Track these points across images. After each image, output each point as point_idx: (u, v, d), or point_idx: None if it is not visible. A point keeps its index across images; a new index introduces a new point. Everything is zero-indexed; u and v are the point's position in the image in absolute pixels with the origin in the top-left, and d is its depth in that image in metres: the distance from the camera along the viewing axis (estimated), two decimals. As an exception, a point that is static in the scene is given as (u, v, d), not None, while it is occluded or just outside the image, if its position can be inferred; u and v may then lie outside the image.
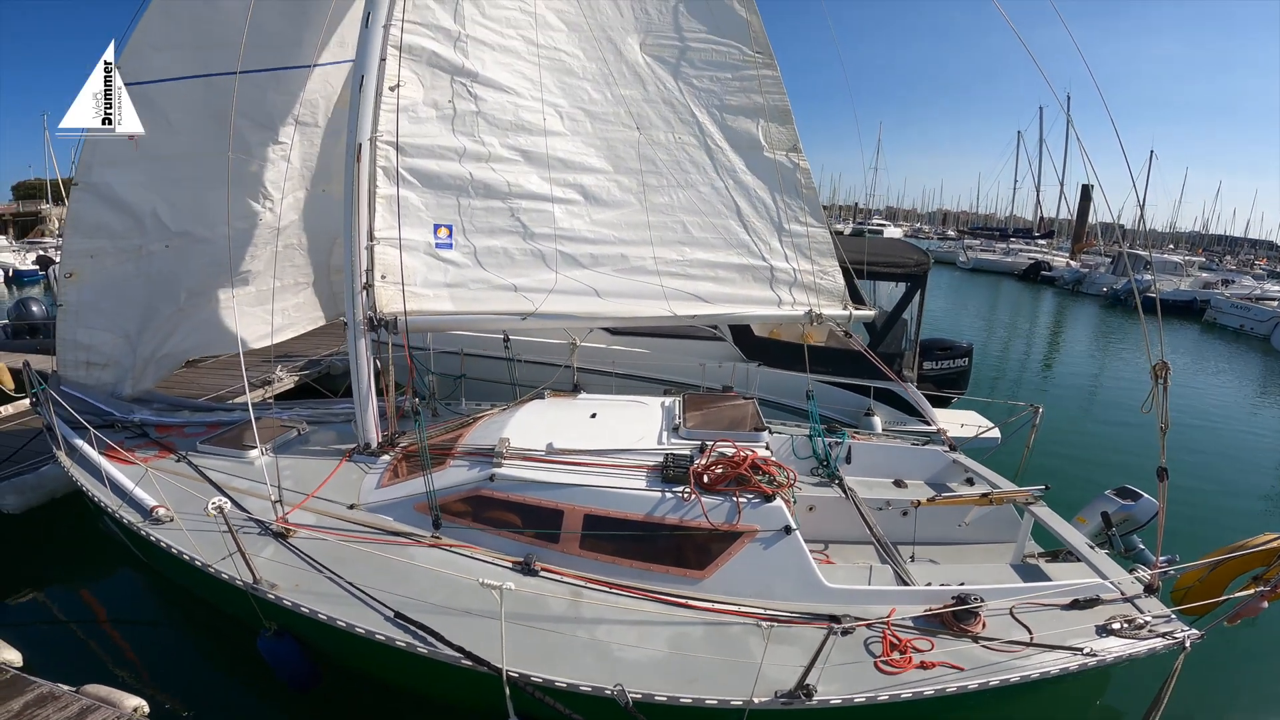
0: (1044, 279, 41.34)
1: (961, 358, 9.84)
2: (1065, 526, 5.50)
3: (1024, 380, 16.88)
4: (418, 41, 6.05)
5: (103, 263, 6.85)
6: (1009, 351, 20.54)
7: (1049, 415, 7.36)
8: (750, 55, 6.84)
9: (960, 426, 8.02)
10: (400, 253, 6.01)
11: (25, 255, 40.09)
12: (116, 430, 6.68)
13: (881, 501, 6.17)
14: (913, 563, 5.49)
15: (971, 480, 6.48)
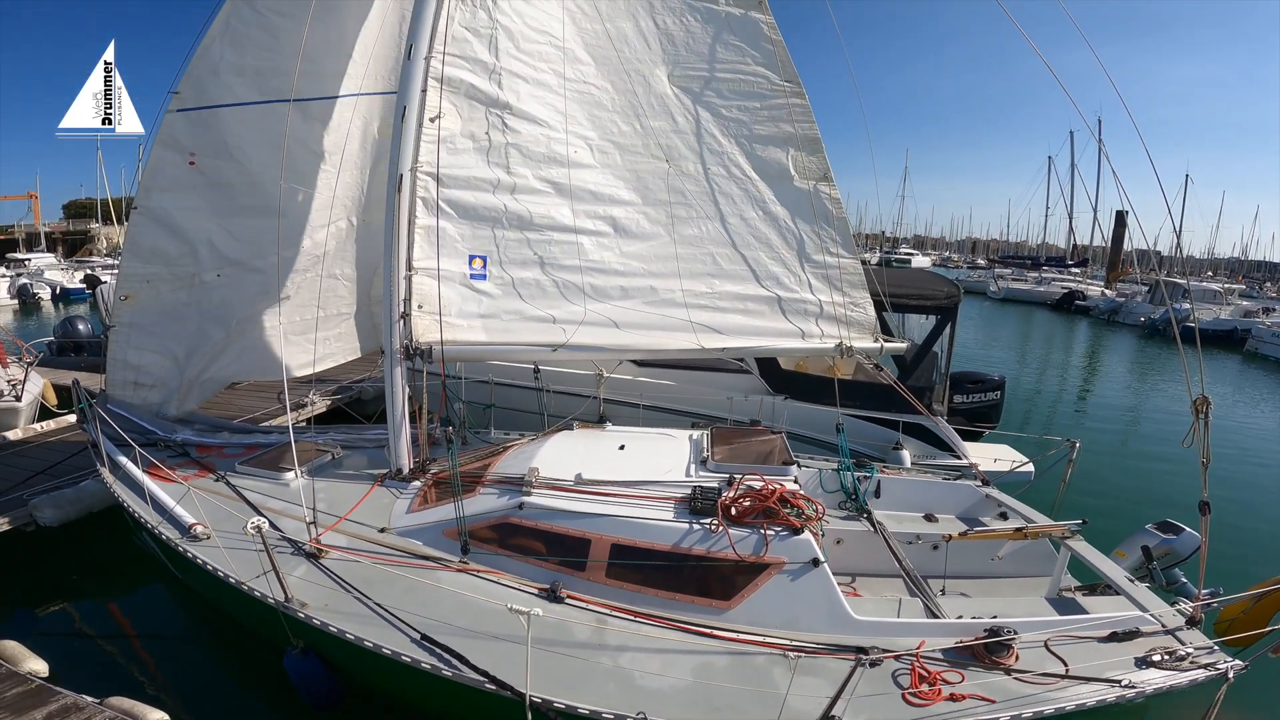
0: (1078, 309, 40.47)
1: (993, 391, 9.70)
2: (1104, 560, 5.40)
3: (1058, 413, 16.52)
4: (456, 74, 6.26)
5: (157, 288, 7.13)
6: (1043, 384, 20.13)
7: (1085, 449, 7.22)
8: (778, 84, 6.93)
9: (993, 461, 7.89)
10: (439, 284, 6.16)
11: (73, 274, 41.43)
12: (159, 449, 6.91)
13: (911, 535, 6.09)
14: (943, 596, 5.42)
15: (1005, 515, 6.37)
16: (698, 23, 7.05)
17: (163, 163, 6.97)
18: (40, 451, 8.86)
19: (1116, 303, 37.85)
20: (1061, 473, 6.86)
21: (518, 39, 6.55)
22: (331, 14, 6.90)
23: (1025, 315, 39.00)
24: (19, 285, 36.59)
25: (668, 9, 7.04)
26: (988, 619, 4.57)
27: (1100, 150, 47.32)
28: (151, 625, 6.68)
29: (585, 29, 6.85)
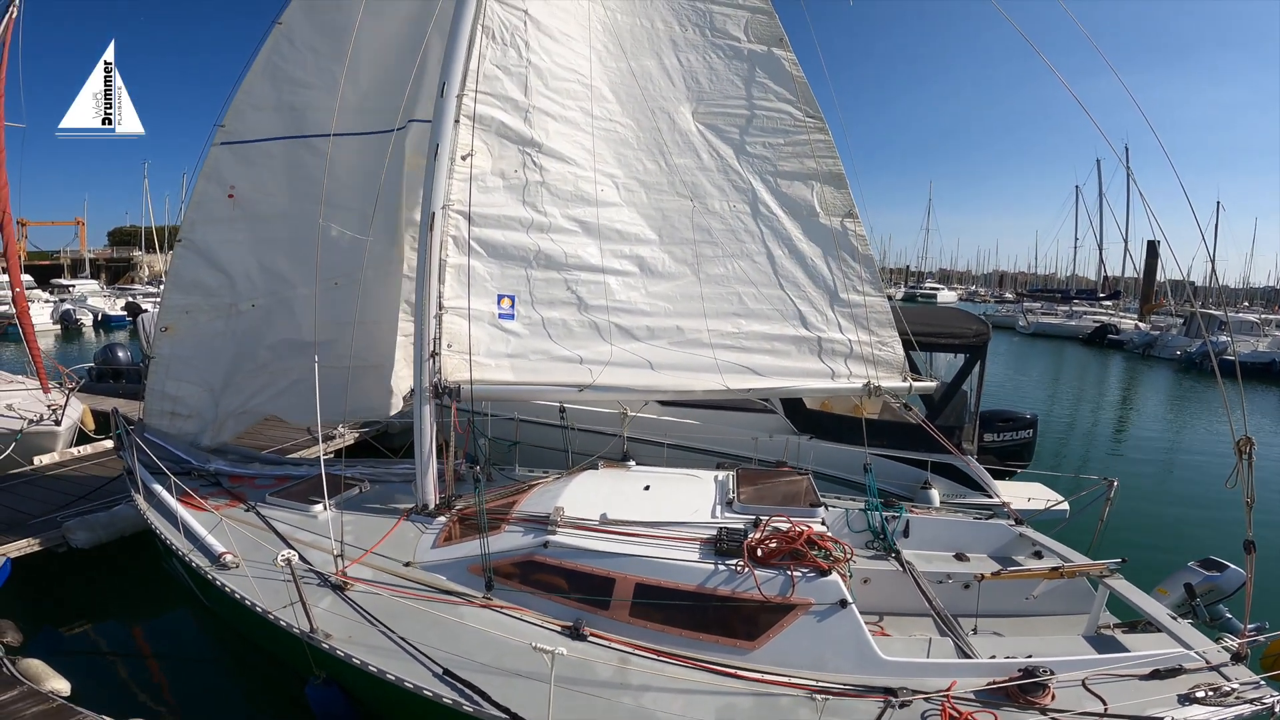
0: (1111, 343, 39.52)
1: (1025, 429, 9.54)
2: (1144, 598, 5.29)
3: (1094, 451, 16.11)
4: (488, 112, 6.41)
5: (196, 319, 7.37)
6: (1076, 421, 19.67)
7: (1122, 487, 7.10)
8: (801, 119, 7.00)
9: (1027, 500, 7.76)
10: (469, 323, 6.24)
11: (115, 301, 42.51)
12: (192, 478, 7.08)
13: (941, 575, 5.97)
14: (975, 635, 5.29)
15: (1040, 553, 6.24)
16: (721, 60, 7.19)
17: (206, 196, 7.25)
18: (76, 476, 9.12)
19: (1151, 336, 36.93)
20: (1099, 511, 6.76)
21: (547, 77, 6.71)
22: (368, 50, 7.14)
23: (1056, 350, 38.20)
24: (62, 311, 37.74)
25: (691, 46, 7.19)
26: (1022, 658, 4.46)
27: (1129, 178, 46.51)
28: (175, 649, 6.75)
29: (611, 67, 7.01)
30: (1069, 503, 7.57)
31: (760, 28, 7.28)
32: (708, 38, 7.25)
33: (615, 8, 7.18)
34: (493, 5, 6.51)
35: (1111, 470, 9.20)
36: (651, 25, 7.23)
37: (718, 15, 7.31)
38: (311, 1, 7.26)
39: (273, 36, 7.17)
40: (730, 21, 7.30)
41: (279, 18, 7.19)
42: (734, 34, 7.26)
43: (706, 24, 7.29)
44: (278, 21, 7.19)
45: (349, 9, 6.96)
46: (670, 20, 7.27)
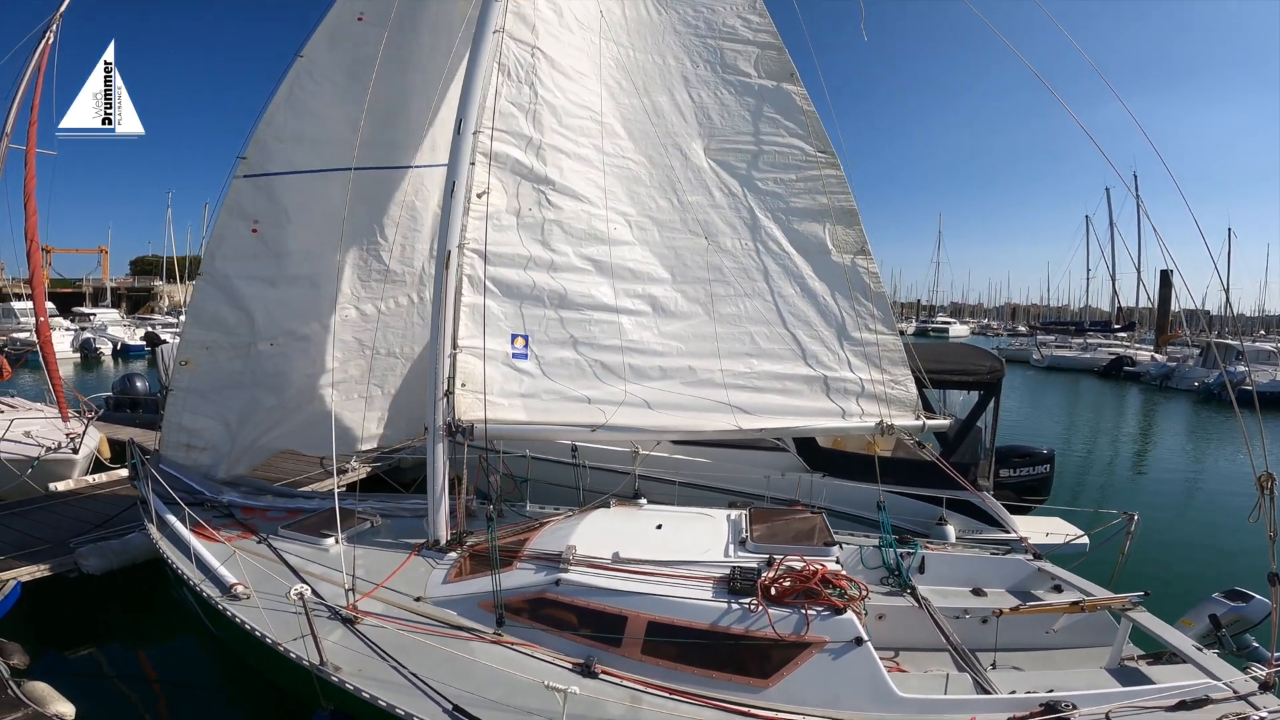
0: (1128, 375, 39.05)
1: (1042, 464, 9.46)
2: (1169, 630, 5.23)
3: (1113, 484, 15.91)
4: (503, 149, 6.50)
5: (215, 355, 7.47)
6: (1095, 454, 19.40)
7: (1143, 520, 7.05)
8: (812, 154, 7.06)
9: (1045, 535, 7.68)
10: (484, 363, 6.26)
11: (134, 330, 43.24)
12: (205, 509, 7.13)
13: (958, 610, 5.89)
14: (994, 670, 5.21)
15: (1060, 588, 6.17)
16: (732, 96, 7.30)
17: (227, 229, 7.39)
18: (90, 503, 9.20)
19: (1168, 367, 36.56)
20: (1119, 544, 6.72)
21: (560, 114, 6.81)
22: (387, 86, 7.30)
23: (1072, 384, 37.80)
24: (82, 340, 38.34)
25: (702, 83, 7.31)
26: (1044, 692, 4.39)
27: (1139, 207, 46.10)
28: (181, 676, 6.76)
29: (623, 103, 7.14)
30: (1089, 536, 7.52)
31: (770, 63, 7.40)
32: (718, 74, 7.37)
33: (627, 44, 7.33)
34: (508, 42, 6.65)
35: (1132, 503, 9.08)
36: (663, 61, 7.37)
37: (728, 51, 7.45)
38: (334, 35, 7.47)
39: (295, 69, 7.36)
40: (741, 58, 7.43)
41: (301, 50, 7.42)
42: (744, 70, 7.38)
43: (717, 60, 7.42)
44: (300, 54, 7.40)
45: (371, 42, 7.20)
46: (681, 56, 7.41)
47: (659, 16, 7.53)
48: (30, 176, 12.32)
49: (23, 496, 9.42)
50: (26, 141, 12.36)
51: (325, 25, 7.44)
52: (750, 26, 7.53)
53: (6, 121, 12.57)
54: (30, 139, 12.31)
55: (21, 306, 36.93)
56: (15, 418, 11.19)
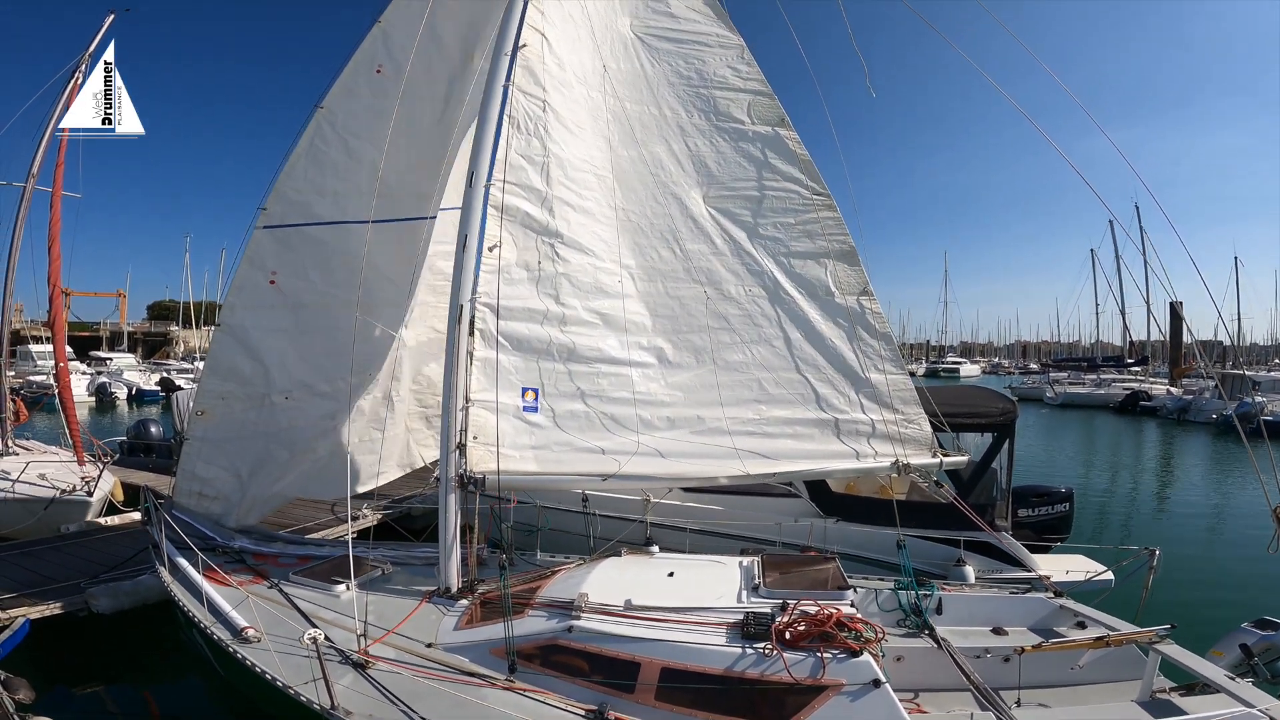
0: (1144, 410, 38.72)
1: (1061, 503, 9.36)
2: (1199, 661, 5.17)
3: (1135, 520, 15.70)
4: (513, 202, 6.64)
5: (231, 406, 7.60)
6: (1115, 490, 19.15)
7: (1167, 554, 7.02)
8: (809, 197, 7.18)
9: (1065, 572, 7.61)
10: (497, 417, 6.30)
11: (150, 376, 43.55)
12: (217, 554, 7.17)
13: (979, 650, 5.80)
14: (1019, 708, 5.14)
15: (1084, 624, 6.09)
16: (727, 143, 7.48)
17: (247, 281, 7.56)
18: (102, 544, 9.30)
19: (1185, 401, 36.22)
20: (1142, 580, 6.69)
21: (566, 167, 6.97)
22: (404, 137, 7.52)
23: (1087, 420, 37.36)
24: (98, 384, 38.89)
25: (698, 131, 7.51)
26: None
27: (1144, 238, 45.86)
28: (187, 718, 6.76)
29: (622, 155, 7.31)
30: (1113, 572, 7.45)
31: (762, 109, 7.61)
32: (713, 121, 7.58)
33: (625, 96, 7.56)
34: (517, 95, 6.84)
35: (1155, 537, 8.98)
36: (659, 112, 7.58)
37: (720, 99, 7.68)
38: (352, 87, 7.72)
39: (315, 120, 7.61)
40: (734, 105, 7.65)
41: (321, 101, 7.67)
42: (738, 117, 7.59)
43: (711, 108, 7.65)
44: (319, 105, 7.65)
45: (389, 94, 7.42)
46: (676, 107, 7.63)
47: (653, 69, 7.80)
48: (55, 220, 12.41)
49: (35, 536, 9.53)
50: (53, 183, 12.48)
51: (344, 77, 7.71)
52: (740, 75, 7.79)
53: (33, 163, 12.75)
54: (56, 181, 12.46)
55: (39, 350, 37.57)
56: (31, 460, 11.36)
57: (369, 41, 7.76)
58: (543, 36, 7.13)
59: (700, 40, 7.98)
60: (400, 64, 7.64)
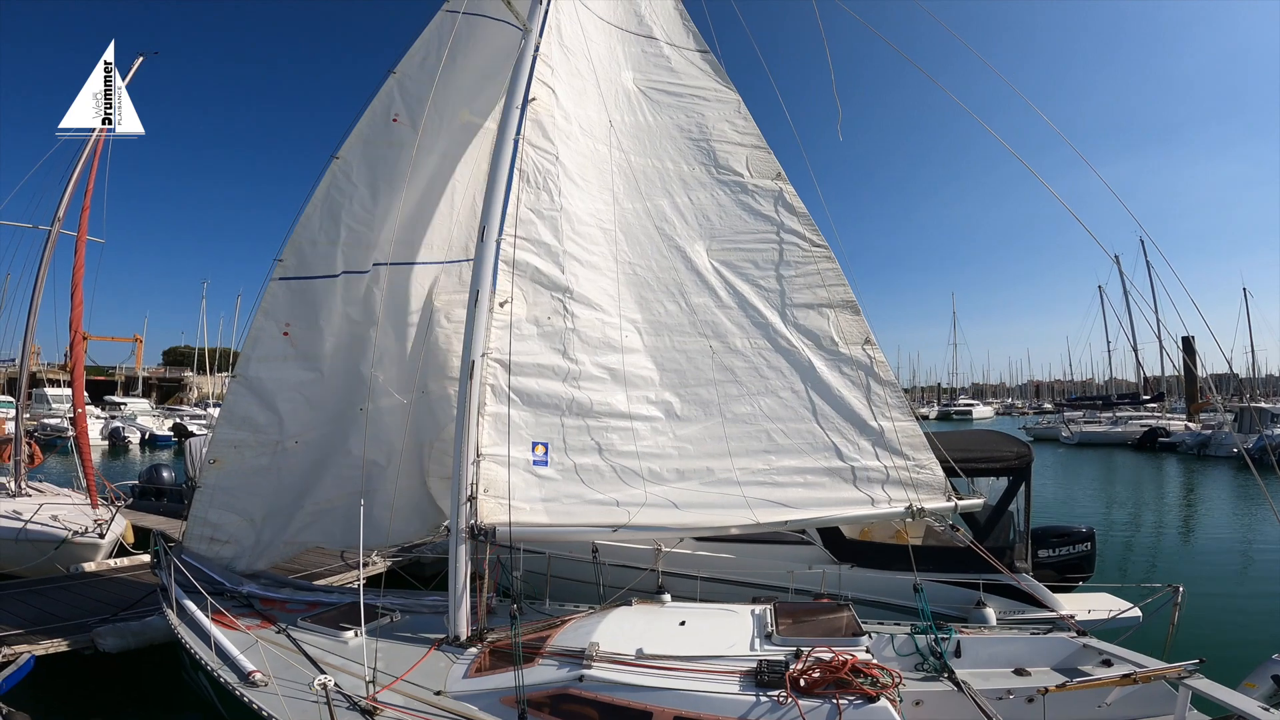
0: (1163, 446, 38.28)
1: (1082, 543, 9.23)
2: (1232, 694, 5.04)
3: (1161, 556, 15.46)
4: (523, 257, 6.73)
5: (243, 454, 7.66)
6: (1138, 528, 18.85)
7: (1194, 589, 6.95)
8: (808, 249, 7.28)
9: (1089, 611, 7.53)
10: (508, 471, 6.33)
11: (163, 421, 44.01)
12: (225, 598, 7.17)
13: (1001, 691, 5.69)
14: None
15: (1109, 662, 5.97)
16: (728, 195, 7.63)
17: (262, 332, 7.68)
18: (110, 585, 9.38)
19: (1204, 436, 35.86)
20: (1168, 617, 6.65)
21: (574, 221, 7.08)
22: (418, 189, 7.70)
23: (1105, 459, 36.79)
24: (112, 428, 39.29)
25: (699, 184, 7.66)
26: None
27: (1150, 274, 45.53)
28: None
29: (627, 209, 7.44)
30: (1140, 608, 7.35)
31: (760, 162, 7.79)
32: (713, 175, 7.75)
33: (630, 149, 7.75)
34: (527, 149, 6.99)
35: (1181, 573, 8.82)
36: (661, 165, 7.76)
37: (720, 152, 7.87)
38: (369, 136, 7.91)
39: (330, 171, 7.78)
40: (733, 158, 7.83)
41: (337, 151, 7.85)
42: (738, 170, 7.77)
43: (711, 161, 7.83)
44: (335, 156, 7.83)
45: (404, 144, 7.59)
46: (678, 160, 7.81)
47: (655, 122, 8.00)
48: (79, 266, 12.57)
49: (45, 575, 9.64)
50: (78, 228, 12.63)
51: (361, 126, 7.91)
52: (738, 130, 8.01)
53: (59, 206, 13.01)
54: (81, 227, 12.63)
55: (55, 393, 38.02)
56: (44, 502, 11.57)
57: (385, 91, 7.96)
58: (551, 90, 7.33)
59: (699, 94, 8.22)
60: (414, 114, 7.83)
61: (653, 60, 8.41)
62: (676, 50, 8.54)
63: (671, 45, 8.56)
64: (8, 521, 10.53)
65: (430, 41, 8.04)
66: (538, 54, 7.28)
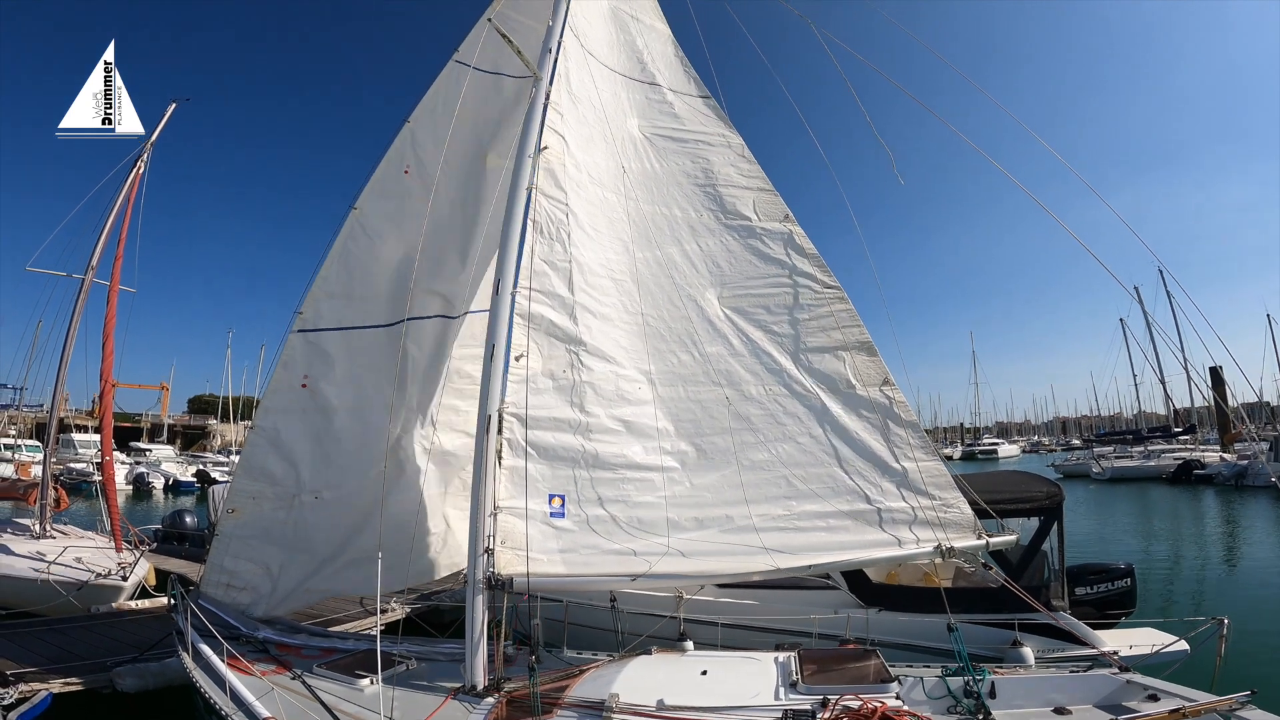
0: (1199, 478, 37.40)
1: (1121, 579, 8.93)
2: None
3: (1206, 589, 14.96)
4: (539, 310, 6.71)
5: (261, 505, 7.70)
6: (1180, 561, 18.34)
7: (1242, 621, 6.77)
8: (820, 291, 7.23)
9: (1130, 647, 7.24)
10: (525, 523, 6.27)
11: (187, 468, 44.75)
12: (241, 643, 7.12)
13: None
14: None
15: (1156, 697, 5.68)
16: (737, 241, 7.61)
17: (281, 384, 7.75)
18: (130, 626, 9.47)
19: (1240, 466, 35.18)
20: (1214, 649, 6.45)
21: (587, 272, 7.08)
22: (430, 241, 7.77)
23: (1140, 494, 35.94)
24: (136, 474, 40.05)
25: (708, 230, 7.66)
26: None
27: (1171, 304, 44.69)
28: None
29: (638, 257, 7.45)
30: (1187, 641, 7.07)
31: (767, 205, 7.79)
32: (721, 220, 7.76)
33: (637, 197, 7.78)
34: (540, 199, 7.00)
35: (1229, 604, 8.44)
36: (670, 212, 7.78)
37: (727, 197, 7.88)
38: (383, 189, 8.06)
39: (349, 222, 7.91)
40: (740, 202, 7.84)
41: (355, 203, 7.98)
42: (745, 214, 7.77)
43: (719, 206, 7.84)
44: (354, 206, 7.97)
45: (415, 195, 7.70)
46: (686, 206, 7.83)
47: (662, 168, 8.06)
48: (111, 315, 12.69)
49: (66, 614, 9.78)
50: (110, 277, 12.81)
51: (376, 177, 8.09)
52: (743, 173, 8.05)
53: (93, 255, 13.23)
54: (114, 276, 12.82)
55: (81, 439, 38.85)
56: (68, 545, 11.68)
57: (399, 141, 8.14)
58: (562, 138, 7.39)
59: (703, 139, 8.30)
60: (425, 164, 7.96)
61: (657, 106, 8.53)
62: (679, 96, 8.68)
63: (674, 91, 8.70)
64: (31, 562, 10.74)
65: (440, 92, 8.24)
66: (549, 101, 7.34)
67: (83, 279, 13.34)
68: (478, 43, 8.14)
